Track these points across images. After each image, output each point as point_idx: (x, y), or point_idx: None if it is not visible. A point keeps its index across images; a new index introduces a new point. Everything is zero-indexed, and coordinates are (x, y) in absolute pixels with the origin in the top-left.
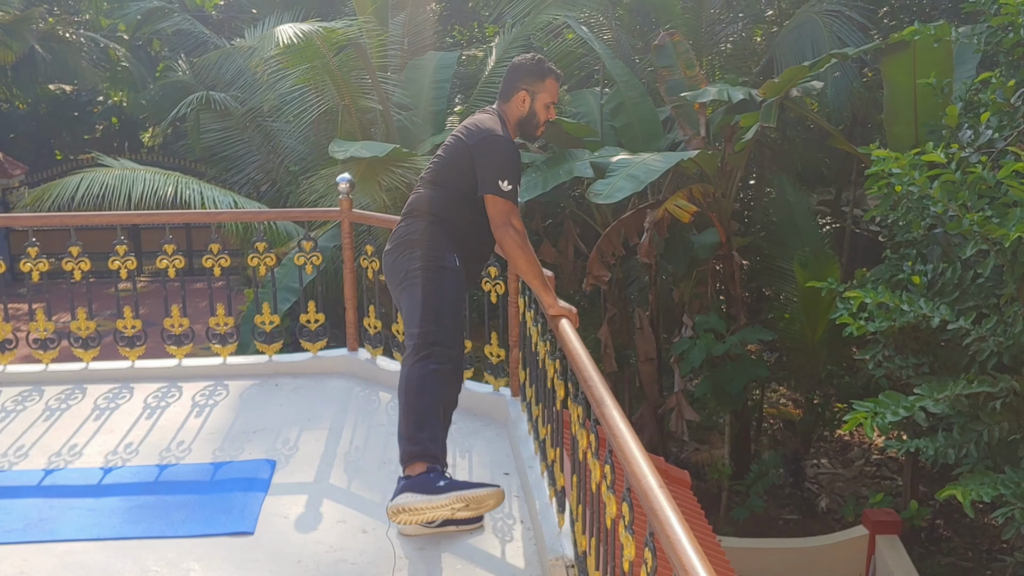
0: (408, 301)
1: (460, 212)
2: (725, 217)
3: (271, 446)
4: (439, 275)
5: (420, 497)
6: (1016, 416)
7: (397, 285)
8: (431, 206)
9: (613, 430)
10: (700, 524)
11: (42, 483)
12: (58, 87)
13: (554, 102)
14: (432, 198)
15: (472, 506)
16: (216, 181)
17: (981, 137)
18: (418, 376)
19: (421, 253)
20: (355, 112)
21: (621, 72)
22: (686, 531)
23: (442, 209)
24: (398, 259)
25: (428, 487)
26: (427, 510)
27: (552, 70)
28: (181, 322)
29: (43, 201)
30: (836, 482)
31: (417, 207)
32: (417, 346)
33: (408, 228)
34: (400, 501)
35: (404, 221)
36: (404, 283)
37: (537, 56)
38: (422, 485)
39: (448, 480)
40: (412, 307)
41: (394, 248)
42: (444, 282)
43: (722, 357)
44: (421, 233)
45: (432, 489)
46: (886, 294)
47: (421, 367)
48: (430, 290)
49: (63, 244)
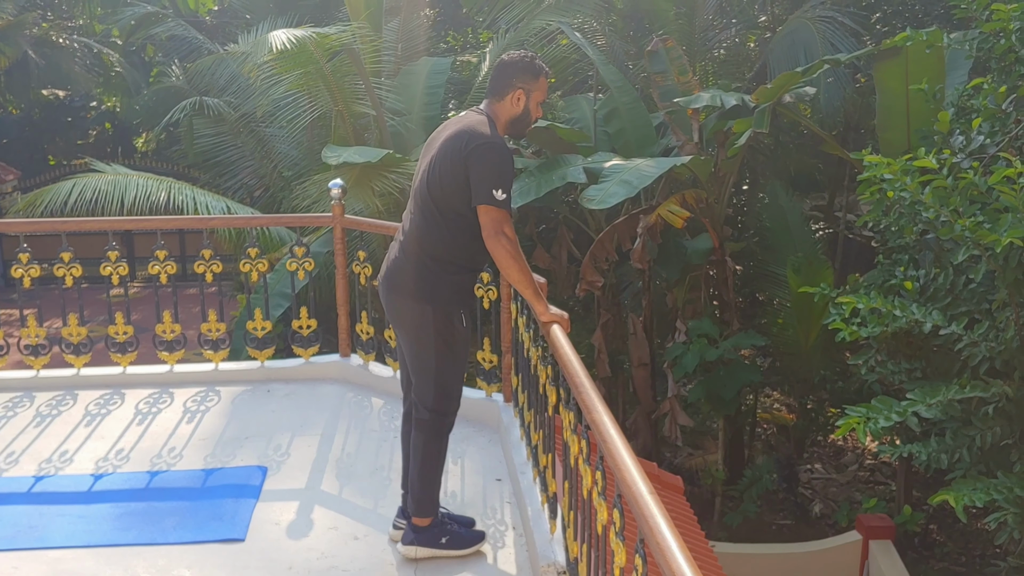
0: (419, 361)
1: (459, 243)
2: (718, 222)
3: (263, 452)
4: (451, 342)
5: (424, 550)
6: (1008, 421)
7: (404, 330)
8: (431, 246)
9: (604, 436)
10: (692, 530)
11: (32, 490)
12: (51, 92)
13: (544, 101)
14: (430, 232)
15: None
16: (209, 186)
17: (973, 143)
18: (435, 446)
19: (432, 313)
20: (348, 117)
21: (614, 78)
22: (676, 538)
23: (441, 247)
24: (404, 305)
25: (433, 542)
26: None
27: (544, 68)
28: (173, 328)
29: (35, 206)
30: (830, 487)
31: (414, 240)
32: (433, 414)
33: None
34: (406, 551)
35: (402, 254)
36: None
37: (528, 53)
38: (428, 540)
39: (449, 536)
40: (425, 376)
41: (396, 290)
42: (456, 347)
43: (715, 362)
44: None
45: (435, 544)
46: (878, 299)
47: (436, 435)
48: (442, 360)
49: (55, 249)
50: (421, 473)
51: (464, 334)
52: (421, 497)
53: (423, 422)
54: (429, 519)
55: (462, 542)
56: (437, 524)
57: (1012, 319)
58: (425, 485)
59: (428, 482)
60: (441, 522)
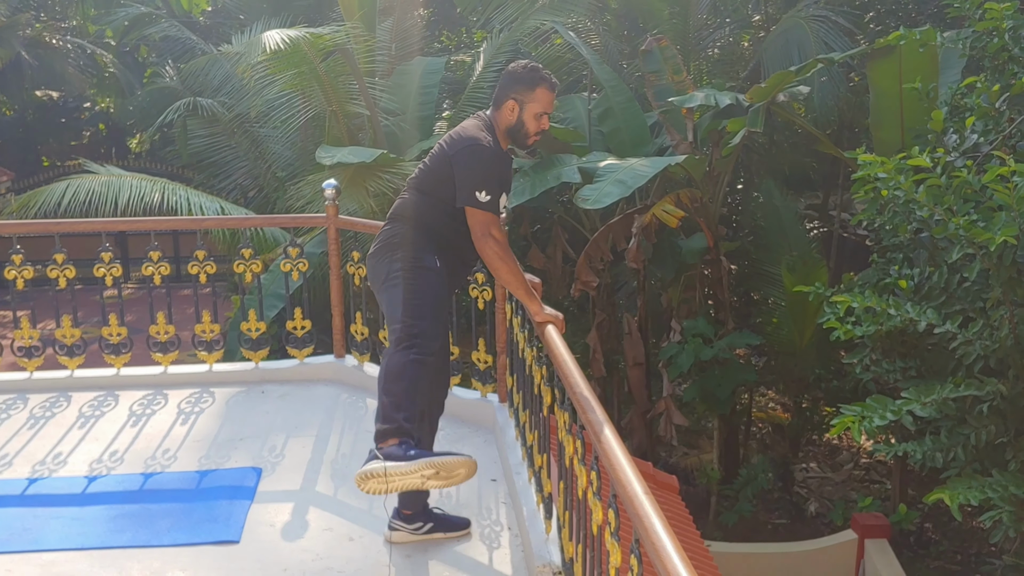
0: (390, 300)
1: (443, 219)
2: (713, 222)
3: (257, 453)
4: (420, 275)
5: (390, 464)
6: (1003, 419)
7: (379, 287)
8: (414, 211)
9: (599, 436)
10: (688, 530)
11: (26, 492)
12: (45, 93)
13: (546, 112)
14: (416, 203)
15: (443, 473)
16: (203, 187)
17: (966, 141)
18: (398, 364)
19: (403, 255)
20: (342, 118)
21: (609, 77)
22: (671, 538)
23: (425, 215)
24: (380, 261)
25: (398, 455)
26: (396, 476)
27: (545, 79)
28: (167, 329)
29: (29, 208)
30: (825, 486)
31: (401, 212)
32: (399, 339)
33: (391, 231)
34: (369, 467)
35: (388, 224)
36: (386, 284)
37: (531, 64)
38: (393, 454)
39: (419, 450)
40: (393, 305)
41: (377, 251)
42: (426, 281)
43: (710, 362)
44: (403, 236)
45: (402, 456)
46: (873, 298)
47: (401, 355)
48: (411, 289)
49: (49, 250)
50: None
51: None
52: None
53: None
54: (396, 439)
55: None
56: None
57: (1006, 317)
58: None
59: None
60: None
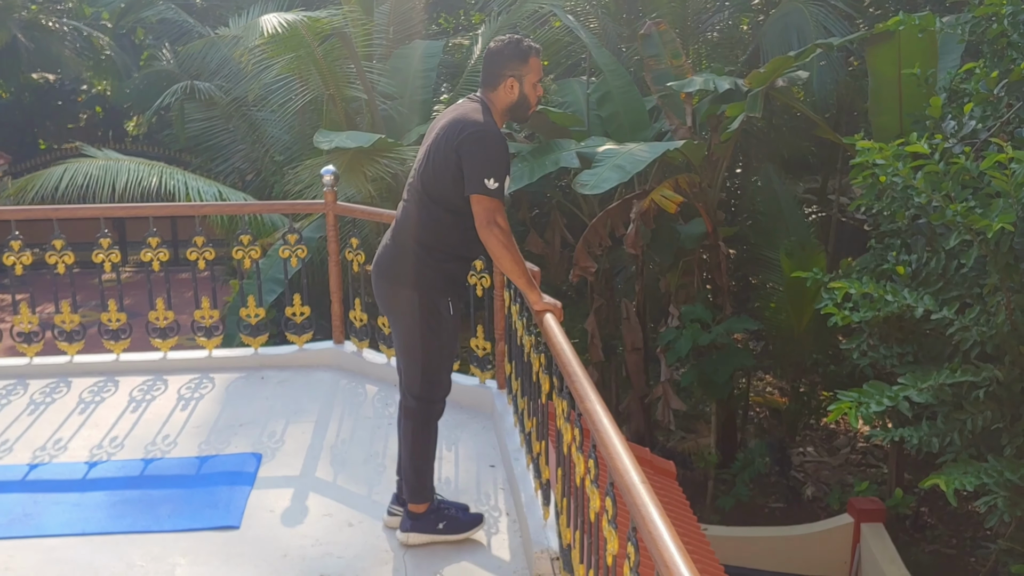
0: (407, 349)
1: (452, 230)
2: (711, 207)
3: (257, 439)
4: (438, 328)
5: (422, 536)
6: (999, 405)
7: (388, 312)
8: (423, 232)
9: (596, 425)
10: (685, 515)
11: (26, 478)
12: (41, 76)
13: (540, 78)
14: (422, 222)
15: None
16: (201, 171)
17: (964, 128)
18: (423, 433)
19: (419, 299)
20: (340, 102)
21: (607, 61)
22: (668, 527)
23: (432, 236)
24: (391, 289)
25: (430, 528)
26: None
27: (532, 47)
28: (166, 315)
29: (26, 192)
30: (822, 470)
31: (406, 230)
32: (420, 401)
33: (401, 258)
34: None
35: (393, 242)
36: (399, 319)
37: (513, 37)
38: (424, 526)
39: (446, 522)
40: (412, 359)
41: (385, 277)
42: (442, 334)
43: (708, 347)
44: (419, 274)
45: (432, 530)
46: (870, 284)
47: (425, 423)
48: (429, 346)
49: (47, 235)
50: (412, 460)
51: (452, 322)
52: (415, 484)
53: (410, 410)
54: (425, 505)
55: (459, 526)
56: (433, 510)
57: (1003, 304)
58: (418, 472)
59: (420, 469)
60: (437, 508)
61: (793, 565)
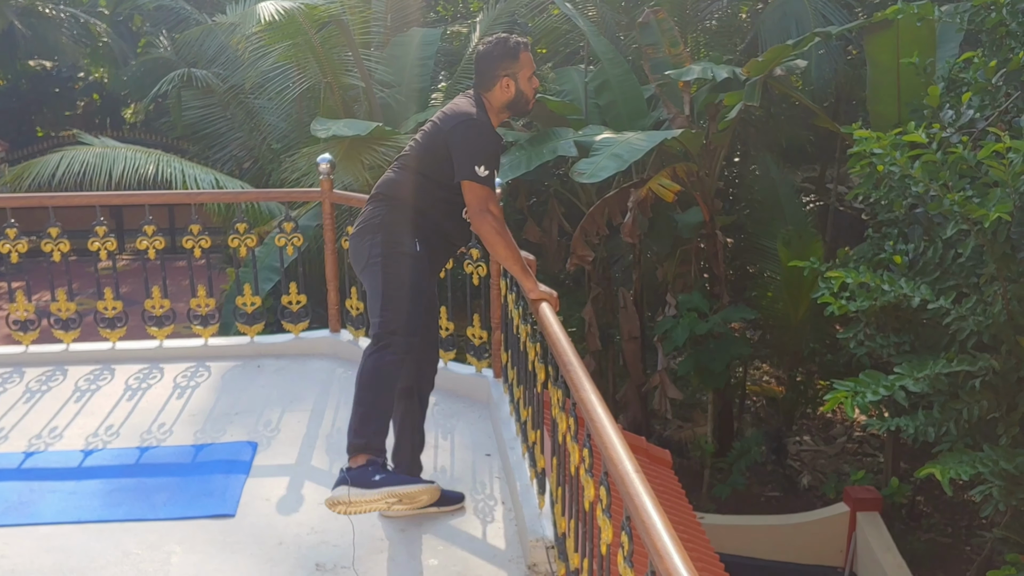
0: (369, 288)
1: (425, 197)
2: (709, 196)
3: (253, 428)
4: (399, 261)
5: (355, 491)
6: (995, 395)
7: (360, 270)
8: (396, 190)
9: (591, 414)
10: (680, 503)
11: (22, 466)
12: (38, 63)
13: (534, 71)
14: (399, 182)
15: (405, 501)
16: (198, 159)
17: (962, 117)
18: (372, 368)
19: (382, 238)
20: (338, 89)
21: (606, 49)
22: (661, 516)
23: (407, 194)
24: (361, 243)
25: (364, 481)
26: (362, 503)
27: (521, 43)
28: (162, 303)
29: (23, 179)
30: (818, 459)
31: (382, 190)
32: (376, 336)
33: (372, 212)
34: (337, 494)
35: (369, 204)
36: (365, 268)
37: (499, 36)
38: (359, 479)
39: (385, 474)
40: (373, 294)
41: (358, 232)
42: (404, 268)
43: (705, 336)
44: (383, 218)
45: (367, 483)
46: (867, 274)
47: (377, 358)
48: (389, 277)
49: (43, 222)
50: (357, 401)
51: (418, 259)
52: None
53: (367, 349)
54: (365, 457)
55: (402, 481)
56: (372, 463)
57: (999, 293)
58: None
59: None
60: (376, 461)
61: (789, 554)
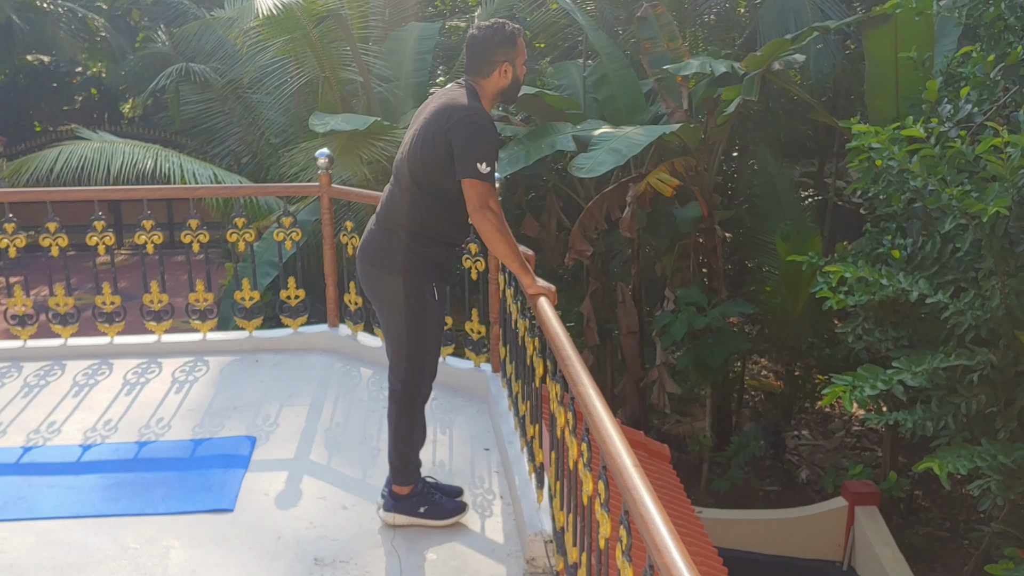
0: (392, 332)
1: (439, 216)
2: (707, 190)
3: (251, 422)
4: (422, 312)
5: (403, 518)
6: (993, 389)
7: (374, 298)
8: (409, 219)
9: (589, 409)
10: (679, 498)
11: (20, 460)
12: (36, 58)
13: (526, 59)
14: (409, 206)
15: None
16: (196, 153)
17: (961, 111)
18: (408, 417)
19: (403, 284)
20: (336, 84)
21: (604, 44)
22: (660, 510)
23: (419, 222)
24: (377, 274)
25: (411, 511)
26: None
27: (516, 28)
28: (160, 298)
29: (21, 174)
30: (816, 454)
31: (394, 215)
32: (406, 385)
33: (386, 243)
34: (389, 518)
35: (378, 227)
36: (384, 305)
37: (496, 22)
38: (406, 508)
39: (428, 507)
40: (398, 343)
41: (372, 259)
42: (427, 319)
43: (704, 330)
44: (405, 259)
45: (413, 513)
46: (865, 268)
47: (411, 407)
48: (413, 329)
49: (41, 217)
50: (396, 443)
51: (437, 307)
52: (398, 466)
53: (395, 393)
54: (409, 487)
55: (441, 512)
56: (417, 493)
57: (998, 288)
58: (401, 455)
59: (404, 452)
60: (421, 491)
61: (787, 548)
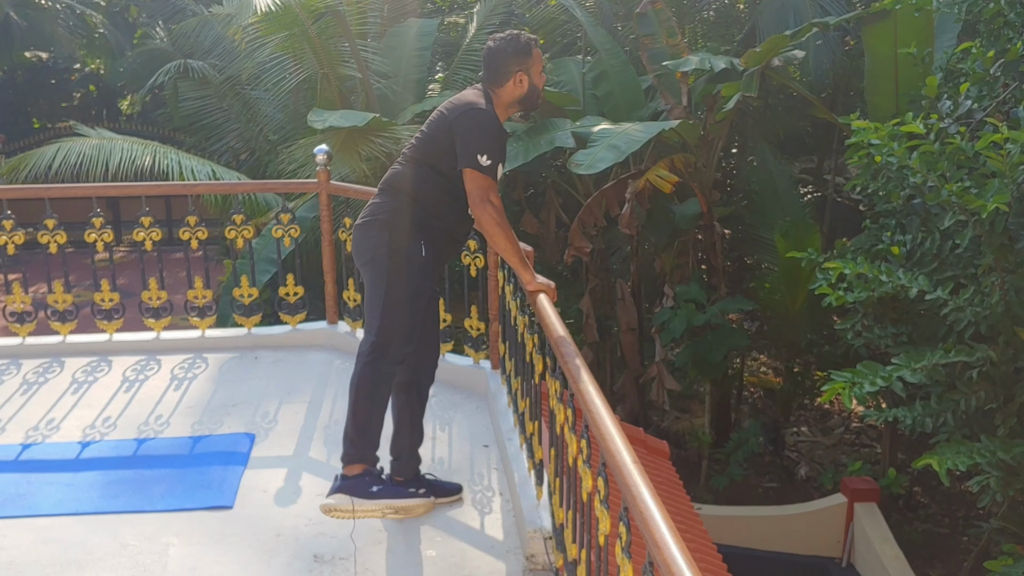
0: (371, 289)
1: (438, 193)
2: (707, 187)
3: (250, 419)
4: (404, 267)
5: (354, 500)
6: (992, 385)
7: (362, 264)
8: (405, 184)
9: (588, 406)
10: (678, 494)
11: (19, 458)
12: (34, 54)
13: (543, 66)
14: (408, 175)
15: (401, 513)
16: (195, 150)
17: (960, 108)
18: (369, 378)
19: (389, 238)
20: (334, 80)
21: (603, 40)
22: (659, 507)
23: (416, 189)
24: (365, 238)
25: (362, 491)
26: (359, 512)
27: (532, 39)
28: (159, 295)
29: (19, 171)
30: (815, 450)
31: (392, 183)
32: (373, 344)
33: (380, 206)
34: (338, 502)
35: (378, 197)
36: (369, 265)
37: (511, 32)
38: (357, 488)
39: (382, 486)
40: (374, 298)
41: (363, 225)
42: (407, 276)
43: (703, 327)
44: (392, 215)
45: (365, 494)
46: (865, 265)
47: (373, 368)
48: (392, 284)
49: (39, 214)
50: (354, 413)
51: (422, 266)
52: (353, 438)
53: (361, 353)
54: (361, 466)
55: (399, 494)
56: (368, 473)
57: (997, 284)
58: (358, 424)
59: (362, 424)
60: (372, 471)
61: (787, 544)
